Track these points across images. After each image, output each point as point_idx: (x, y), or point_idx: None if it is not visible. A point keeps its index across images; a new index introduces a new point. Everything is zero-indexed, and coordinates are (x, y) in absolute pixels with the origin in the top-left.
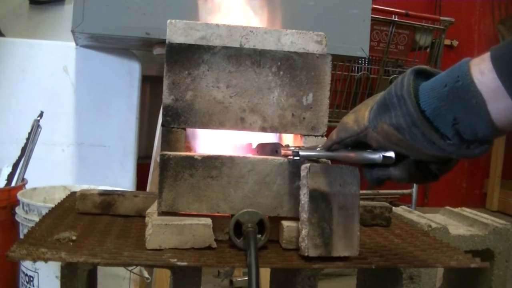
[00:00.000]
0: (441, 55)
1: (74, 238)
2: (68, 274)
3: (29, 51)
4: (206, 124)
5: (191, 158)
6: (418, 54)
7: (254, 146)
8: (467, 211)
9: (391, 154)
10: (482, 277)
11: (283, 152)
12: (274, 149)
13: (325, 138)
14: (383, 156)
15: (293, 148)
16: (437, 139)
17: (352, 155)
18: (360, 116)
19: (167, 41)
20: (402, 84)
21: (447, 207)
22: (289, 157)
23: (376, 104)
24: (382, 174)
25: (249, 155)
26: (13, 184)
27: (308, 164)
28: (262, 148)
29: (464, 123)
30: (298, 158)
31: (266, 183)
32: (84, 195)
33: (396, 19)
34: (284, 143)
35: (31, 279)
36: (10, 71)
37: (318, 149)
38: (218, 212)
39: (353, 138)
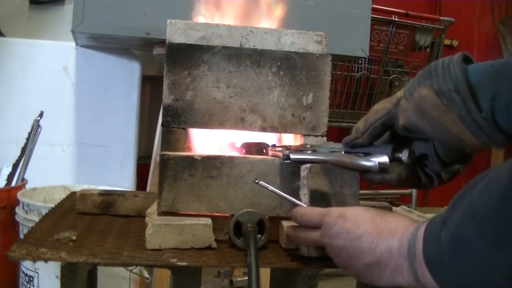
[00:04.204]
0: (441, 55)
1: (74, 238)
2: (68, 274)
3: (29, 51)
4: (206, 124)
5: (191, 158)
6: (418, 54)
7: (238, 145)
8: None
9: (385, 159)
10: None
11: (271, 153)
12: (260, 149)
13: (325, 138)
14: (379, 163)
15: (280, 149)
16: (473, 108)
17: (346, 160)
18: (392, 97)
19: (167, 41)
20: (450, 59)
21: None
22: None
23: (417, 75)
24: (374, 178)
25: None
26: (13, 184)
27: (308, 165)
28: (248, 147)
29: (502, 97)
30: (288, 161)
31: (266, 183)
32: (84, 195)
33: (396, 19)
34: (283, 143)
35: (31, 279)
36: (10, 71)
37: (308, 146)
38: (218, 212)
39: (384, 119)
